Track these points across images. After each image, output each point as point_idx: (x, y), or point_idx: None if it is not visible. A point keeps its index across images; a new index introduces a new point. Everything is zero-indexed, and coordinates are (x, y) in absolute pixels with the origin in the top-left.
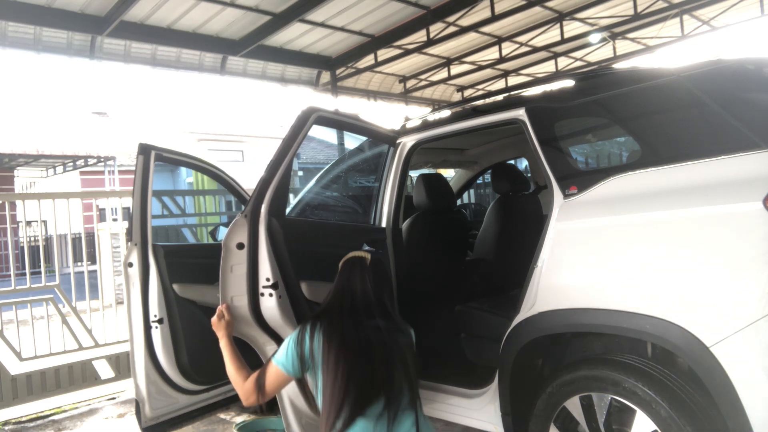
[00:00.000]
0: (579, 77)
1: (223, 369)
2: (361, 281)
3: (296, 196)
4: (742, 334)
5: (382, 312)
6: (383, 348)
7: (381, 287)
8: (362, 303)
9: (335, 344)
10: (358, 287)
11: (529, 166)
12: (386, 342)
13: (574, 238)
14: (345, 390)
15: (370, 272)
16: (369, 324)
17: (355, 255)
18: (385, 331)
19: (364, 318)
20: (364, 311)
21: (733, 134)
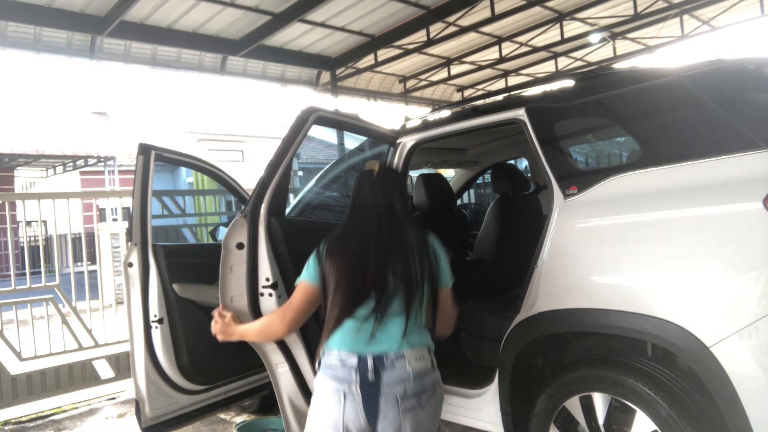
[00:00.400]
0: (579, 77)
1: (223, 369)
2: (370, 192)
3: (296, 196)
4: (742, 334)
5: (391, 220)
6: (381, 249)
7: (391, 194)
8: (372, 215)
9: (337, 259)
10: (368, 200)
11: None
12: (387, 244)
13: (574, 238)
14: (340, 298)
15: (379, 181)
16: (375, 235)
17: (364, 168)
18: (387, 236)
19: (373, 230)
20: (373, 224)
21: (733, 134)
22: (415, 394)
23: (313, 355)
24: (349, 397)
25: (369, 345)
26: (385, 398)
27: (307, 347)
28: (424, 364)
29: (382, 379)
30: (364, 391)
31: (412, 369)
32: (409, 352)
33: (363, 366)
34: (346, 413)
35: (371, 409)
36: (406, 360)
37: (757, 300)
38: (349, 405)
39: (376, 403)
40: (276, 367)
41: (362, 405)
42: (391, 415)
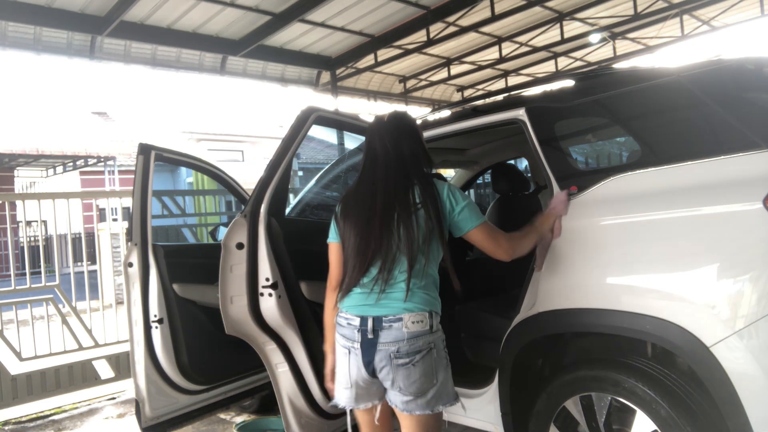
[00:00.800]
0: (579, 77)
1: (223, 369)
2: (380, 141)
3: (296, 196)
4: (742, 334)
5: (398, 174)
6: (387, 209)
7: (401, 143)
8: (381, 167)
9: (348, 219)
10: (378, 149)
11: (529, 166)
12: (392, 203)
13: (574, 238)
14: (350, 263)
15: (389, 129)
16: (382, 192)
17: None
18: (394, 192)
19: (380, 185)
20: (381, 177)
21: (733, 134)
22: (408, 353)
23: (313, 355)
24: (353, 353)
25: (373, 308)
26: (380, 355)
27: (307, 347)
28: (422, 326)
29: (380, 339)
30: (364, 349)
31: (408, 331)
32: (407, 316)
33: (364, 326)
34: (351, 366)
35: (369, 363)
36: (403, 323)
37: (757, 300)
38: (353, 359)
39: (373, 358)
40: (276, 367)
41: (362, 360)
42: (386, 369)
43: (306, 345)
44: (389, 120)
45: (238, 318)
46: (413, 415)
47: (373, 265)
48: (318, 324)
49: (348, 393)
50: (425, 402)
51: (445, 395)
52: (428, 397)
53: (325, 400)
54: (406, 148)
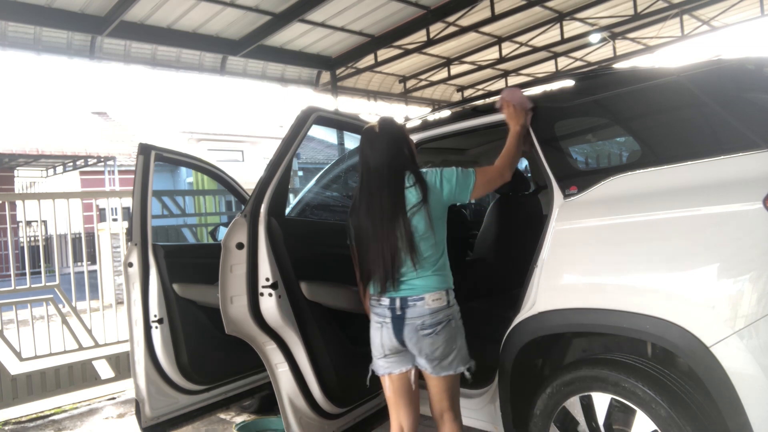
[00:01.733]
0: (579, 77)
1: (223, 369)
2: (371, 150)
3: (296, 196)
4: (742, 334)
5: (390, 180)
6: (383, 215)
7: (391, 151)
8: (374, 175)
9: (354, 225)
10: (370, 158)
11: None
12: (388, 208)
13: (574, 238)
14: (361, 265)
15: (380, 138)
16: (377, 198)
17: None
18: (388, 197)
19: (375, 193)
20: (375, 185)
21: (733, 134)
22: (431, 325)
23: (313, 355)
24: (385, 327)
25: (396, 291)
26: (408, 327)
27: (307, 347)
28: (440, 303)
29: (407, 314)
30: (394, 323)
31: (429, 308)
32: (428, 295)
33: (392, 305)
34: (383, 337)
35: (399, 334)
36: (426, 300)
37: (757, 300)
38: (385, 332)
39: (402, 330)
40: (276, 367)
41: (393, 332)
42: (414, 338)
43: (306, 345)
44: (380, 130)
45: (238, 318)
46: (440, 376)
47: (377, 272)
48: (318, 324)
49: (383, 362)
50: (448, 364)
51: (463, 358)
52: (450, 359)
53: (325, 400)
54: (397, 155)
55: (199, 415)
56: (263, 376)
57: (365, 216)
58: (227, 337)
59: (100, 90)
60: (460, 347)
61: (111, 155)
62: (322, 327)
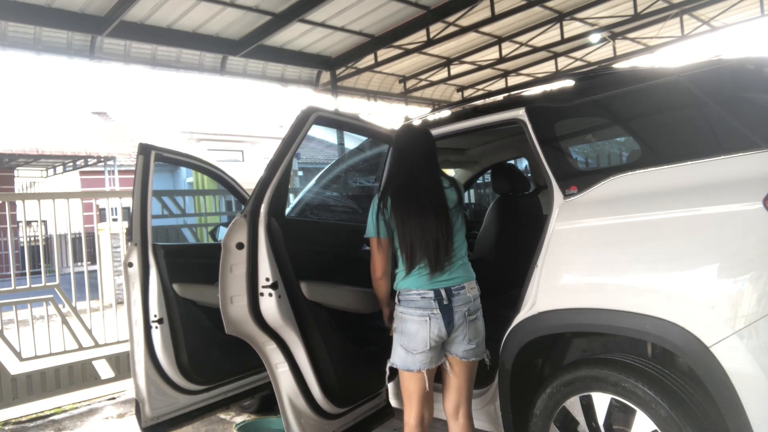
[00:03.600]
0: (579, 77)
1: (223, 369)
2: (417, 148)
3: (296, 196)
4: (742, 334)
5: (436, 177)
6: (437, 212)
7: (432, 156)
8: (419, 171)
9: (400, 219)
10: (414, 156)
11: (529, 166)
12: (438, 206)
13: (574, 238)
14: (406, 256)
15: (422, 136)
16: (425, 196)
17: (405, 129)
18: (433, 196)
19: (423, 188)
20: (422, 179)
21: (733, 134)
22: (475, 310)
23: (313, 355)
24: (433, 318)
25: (439, 282)
26: (458, 314)
27: (307, 347)
28: (476, 291)
29: (453, 303)
30: (443, 312)
31: (471, 295)
32: (467, 284)
33: (439, 296)
34: (431, 329)
35: (449, 323)
36: (466, 289)
37: (757, 300)
38: (433, 323)
39: (452, 318)
40: (276, 367)
41: (443, 321)
42: (462, 325)
43: (306, 345)
44: (422, 131)
45: (238, 318)
46: (469, 361)
47: (423, 259)
48: (318, 324)
49: (424, 356)
50: (481, 349)
51: (485, 345)
52: (484, 344)
53: (325, 400)
54: (435, 156)
55: (199, 415)
56: (263, 376)
57: (411, 211)
58: (227, 337)
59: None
60: (484, 335)
61: (111, 155)
62: (322, 327)
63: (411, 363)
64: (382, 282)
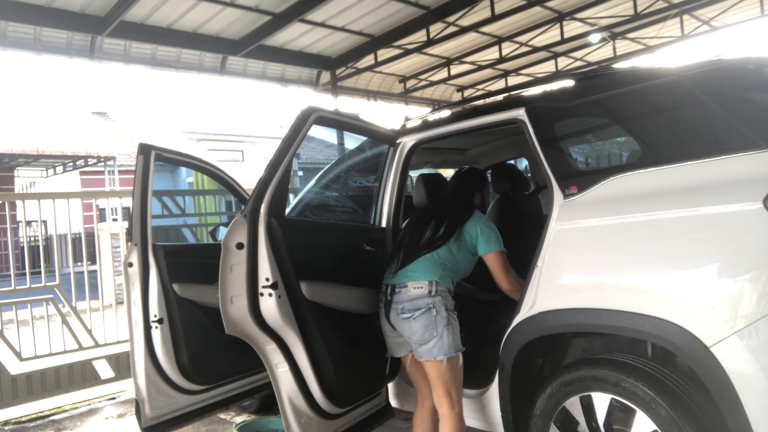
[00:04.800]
0: (579, 77)
1: (223, 369)
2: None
3: (296, 196)
4: (742, 334)
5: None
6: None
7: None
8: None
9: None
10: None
11: (529, 166)
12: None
13: (574, 238)
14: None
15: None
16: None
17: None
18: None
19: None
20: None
21: (733, 134)
22: (411, 310)
23: (313, 355)
24: (382, 310)
25: (391, 279)
26: (393, 311)
27: (307, 347)
28: (421, 291)
29: (393, 299)
30: (386, 306)
31: (409, 294)
32: (410, 283)
33: (386, 290)
34: (382, 320)
35: (388, 317)
36: (407, 288)
37: (757, 300)
38: (382, 314)
39: (389, 313)
40: (276, 367)
41: (385, 315)
42: (397, 321)
43: (306, 345)
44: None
45: (238, 318)
46: (423, 361)
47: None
48: (318, 324)
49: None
50: (428, 350)
51: (444, 347)
52: (430, 346)
53: (325, 400)
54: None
55: (199, 415)
56: (263, 376)
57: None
58: (227, 337)
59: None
60: (442, 336)
61: (111, 155)
62: (322, 327)
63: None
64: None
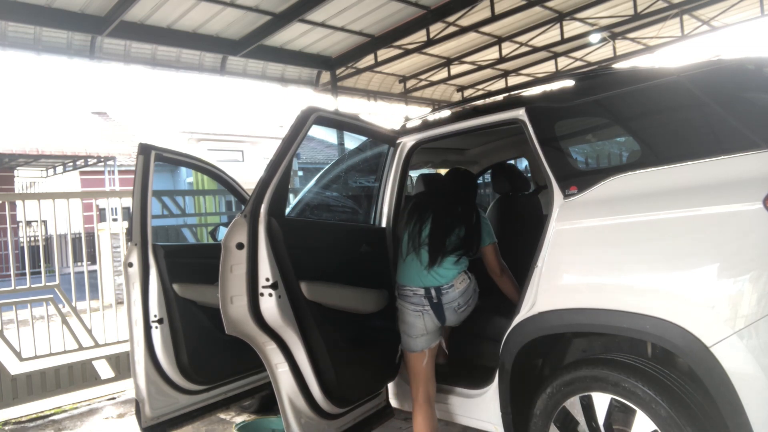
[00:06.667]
0: (579, 77)
1: (223, 369)
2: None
3: (296, 196)
4: (742, 334)
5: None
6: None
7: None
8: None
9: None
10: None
11: (529, 166)
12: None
13: (574, 238)
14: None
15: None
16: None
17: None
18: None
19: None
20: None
21: (733, 134)
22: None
23: (313, 355)
24: (426, 314)
25: (429, 280)
26: (448, 310)
27: (307, 347)
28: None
29: (443, 300)
30: (435, 308)
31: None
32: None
33: (428, 294)
34: (426, 322)
35: (441, 317)
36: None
37: (757, 300)
38: (426, 317)
39: (443, 314)
40: (276, 367)
41: (435, 316)
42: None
43: (306, 345)
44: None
45: (238, 318)
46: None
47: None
48: (318, 324)
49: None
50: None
51: (405, 342)
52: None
53: (325, 400)
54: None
55: (199, 415)
56: (263, 376)
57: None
58: (227, 337)
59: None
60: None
61: (111, 155)
62: (322, 327)
63: (415, 344)
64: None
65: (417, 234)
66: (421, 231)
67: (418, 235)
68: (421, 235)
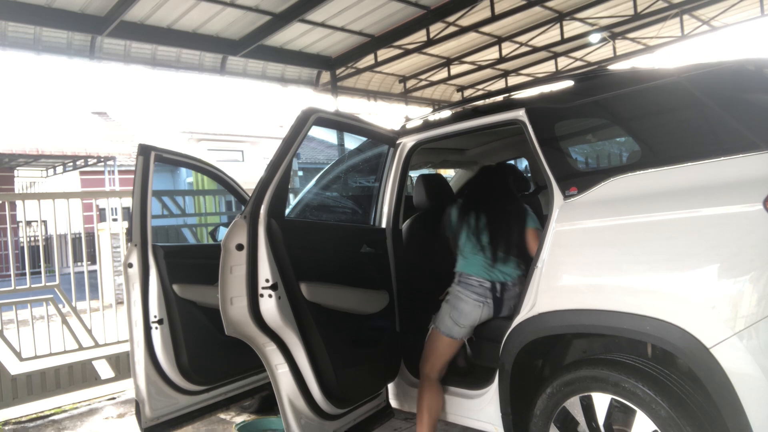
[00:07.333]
0: (579, 78)
1: (223, 369)
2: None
3: (296, 197)
4: (742, 335)
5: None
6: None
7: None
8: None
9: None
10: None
11: (529, 166)
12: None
13: (575, 238)
14: None
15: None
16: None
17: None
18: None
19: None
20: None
21: (733, 135)
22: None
23: (313, 356)
24: (486, 305)
25: (496, 275)
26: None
27: (307, 348)
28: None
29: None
30: (496, 303)
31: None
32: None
33: (494, 288)
34: (484, 313)
35: (499, 311)
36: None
37: (758, 301)
38: (485, 309)
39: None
40: (276, 368)
41: (493, 309)
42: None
43: (306, 346)
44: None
45: (238, 319)
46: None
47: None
48: (318, 325)
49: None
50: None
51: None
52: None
53: (325, 400)
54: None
55: (199, 416)
56: (263, 376)
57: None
58: (227, 338)
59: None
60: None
61: (111, 155)
62: (321, 328)
63: (458, 332)
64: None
65: (476, 234)
66: (480, 233)
67: (479, 235)
68: (480, 237)
